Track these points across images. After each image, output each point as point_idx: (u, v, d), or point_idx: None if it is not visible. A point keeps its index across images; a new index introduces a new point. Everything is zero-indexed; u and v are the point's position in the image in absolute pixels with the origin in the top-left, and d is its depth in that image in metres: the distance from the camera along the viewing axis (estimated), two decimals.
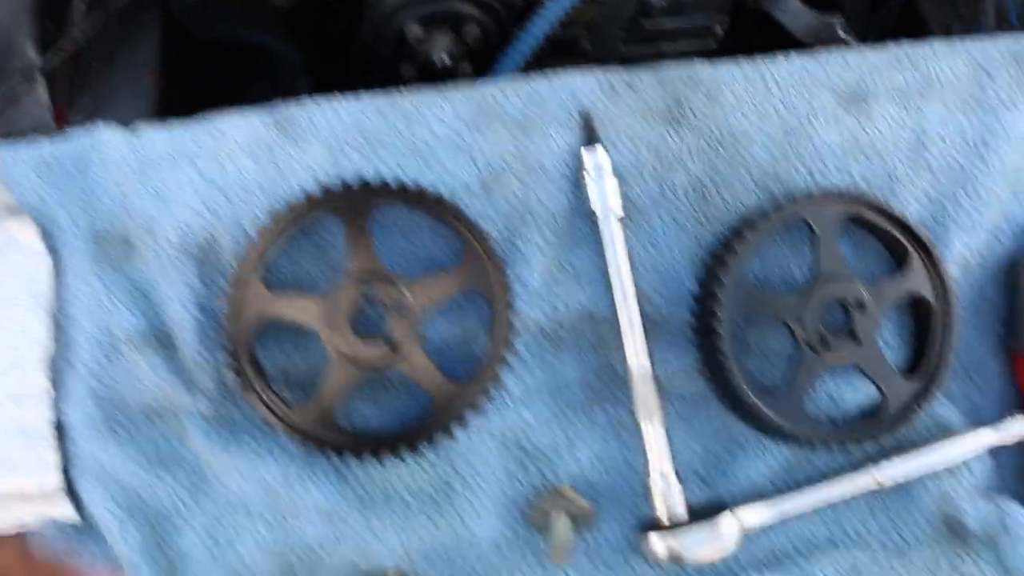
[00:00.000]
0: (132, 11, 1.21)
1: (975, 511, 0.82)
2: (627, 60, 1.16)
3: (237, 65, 1.33)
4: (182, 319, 0.80)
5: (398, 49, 1.13)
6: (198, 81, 1.32)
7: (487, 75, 1.05)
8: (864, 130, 0.84)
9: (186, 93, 1.30)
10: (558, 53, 1.06)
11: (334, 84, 1.35)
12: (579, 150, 0.82)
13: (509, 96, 0.83)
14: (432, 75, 1.14)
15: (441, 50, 1.10)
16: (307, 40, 1.26)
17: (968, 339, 0.86)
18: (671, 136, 0.83)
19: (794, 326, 0.79)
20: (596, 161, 0.81)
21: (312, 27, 1.23)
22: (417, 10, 1.05)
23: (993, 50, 0.86)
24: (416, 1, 1.04)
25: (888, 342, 0.84)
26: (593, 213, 0.81)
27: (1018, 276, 0.83)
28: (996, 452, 0.85)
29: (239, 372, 0.78)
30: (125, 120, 0.86)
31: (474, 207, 0.81)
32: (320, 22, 1.20)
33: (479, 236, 0.79)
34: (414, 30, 1.08)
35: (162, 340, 0.81)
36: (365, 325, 0.79)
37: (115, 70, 1.14)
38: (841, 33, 1.10)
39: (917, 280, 0.81)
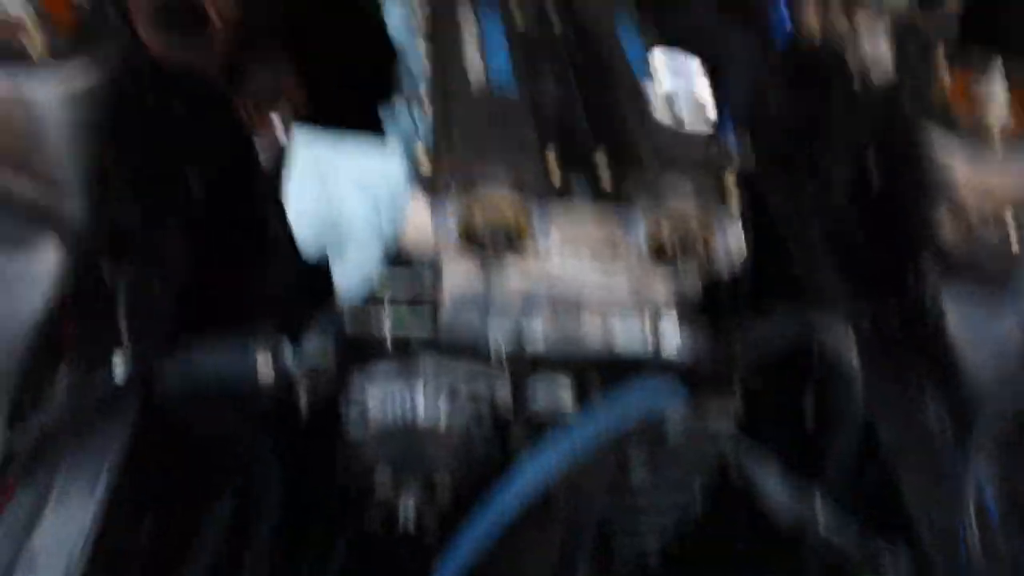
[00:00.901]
0: (112, 398, 1.20)
1: None
2: (607, 524, 1.12)
3: (206, 451, 1.31)
4: None
5: (366, 493, 1.10)
6: (161, 468, 1.29)
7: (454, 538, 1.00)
8: None
9: (148, 482, 1.27)
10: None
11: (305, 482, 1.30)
12: None
13: None
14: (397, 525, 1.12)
15: (409, 503, 1.07)
16: (281, 436, 1.25)
17: None
18: None
19: None
20: None
21: (288, 428, 1.22)
22: (389, 454, 1.03)
23: None
24: (389, 446, 1.01)
25: None
26: None
27: None
28: None
29: None
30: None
31: None
32: (296, 424, 1.19)
33: None
34: (384, 476, 1.06)
35: None
36: None
37: (78, 453, 1.12)
38: (821, 516, 1.06)
39: None
